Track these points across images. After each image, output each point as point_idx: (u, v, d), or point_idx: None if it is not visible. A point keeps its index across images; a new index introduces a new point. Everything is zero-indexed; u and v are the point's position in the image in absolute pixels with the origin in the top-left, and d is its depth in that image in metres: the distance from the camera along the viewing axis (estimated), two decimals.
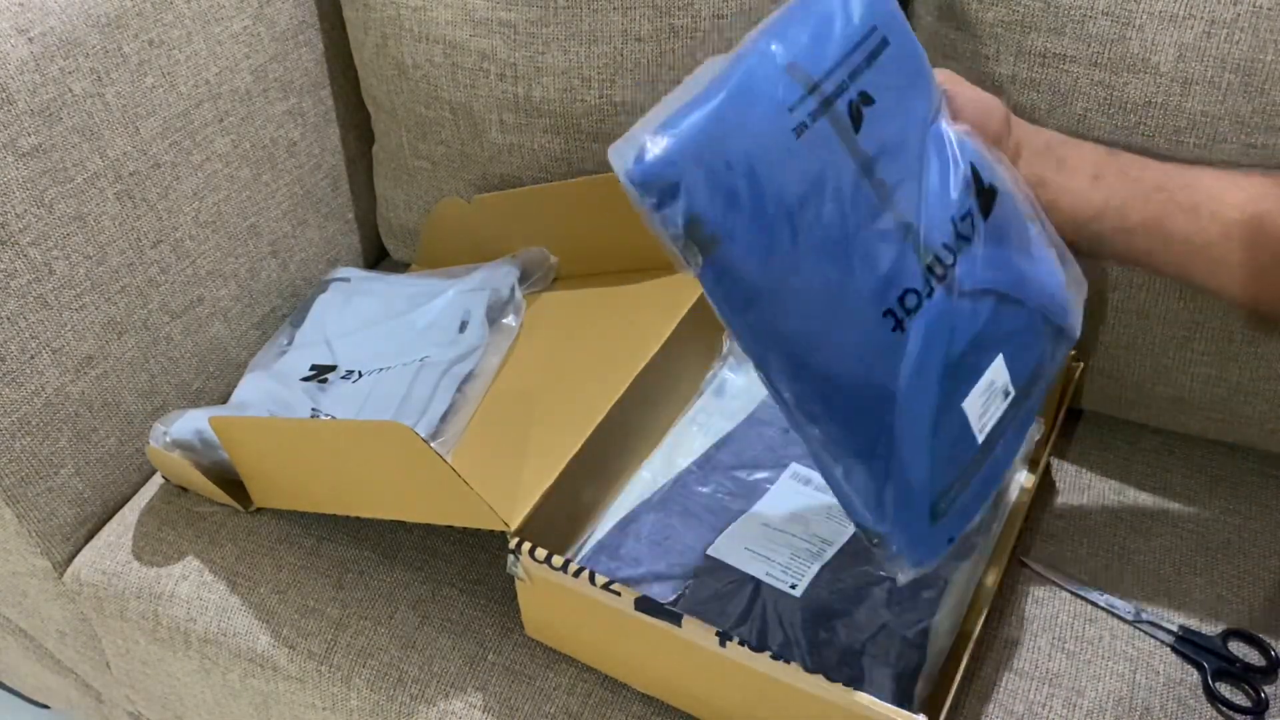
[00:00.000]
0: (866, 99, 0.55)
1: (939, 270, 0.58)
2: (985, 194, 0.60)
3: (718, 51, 0.84)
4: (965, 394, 0.60)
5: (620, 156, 0.50)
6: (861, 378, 0.56)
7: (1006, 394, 0.62)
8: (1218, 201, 0.63)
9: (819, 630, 0.68)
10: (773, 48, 0.53)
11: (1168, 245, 0.64)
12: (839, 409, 0.56)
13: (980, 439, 0.61)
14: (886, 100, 0.56)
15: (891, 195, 0.56)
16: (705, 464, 0.82)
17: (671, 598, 0.71)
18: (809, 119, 0.53)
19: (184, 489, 0.87)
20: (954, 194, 0.58)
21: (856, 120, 0.55)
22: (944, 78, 0.62)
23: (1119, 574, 0.76)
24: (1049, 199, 0.64)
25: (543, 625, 0.73)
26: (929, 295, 0.57)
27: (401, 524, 0.82)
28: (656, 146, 0.49)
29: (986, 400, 0.61)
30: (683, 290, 0.84)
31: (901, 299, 0.56)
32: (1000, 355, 0.61)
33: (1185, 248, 0.64)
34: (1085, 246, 0.66)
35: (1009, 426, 0.63)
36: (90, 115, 0.79)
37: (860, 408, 0.56)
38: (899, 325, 0.56)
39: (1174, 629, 0.72)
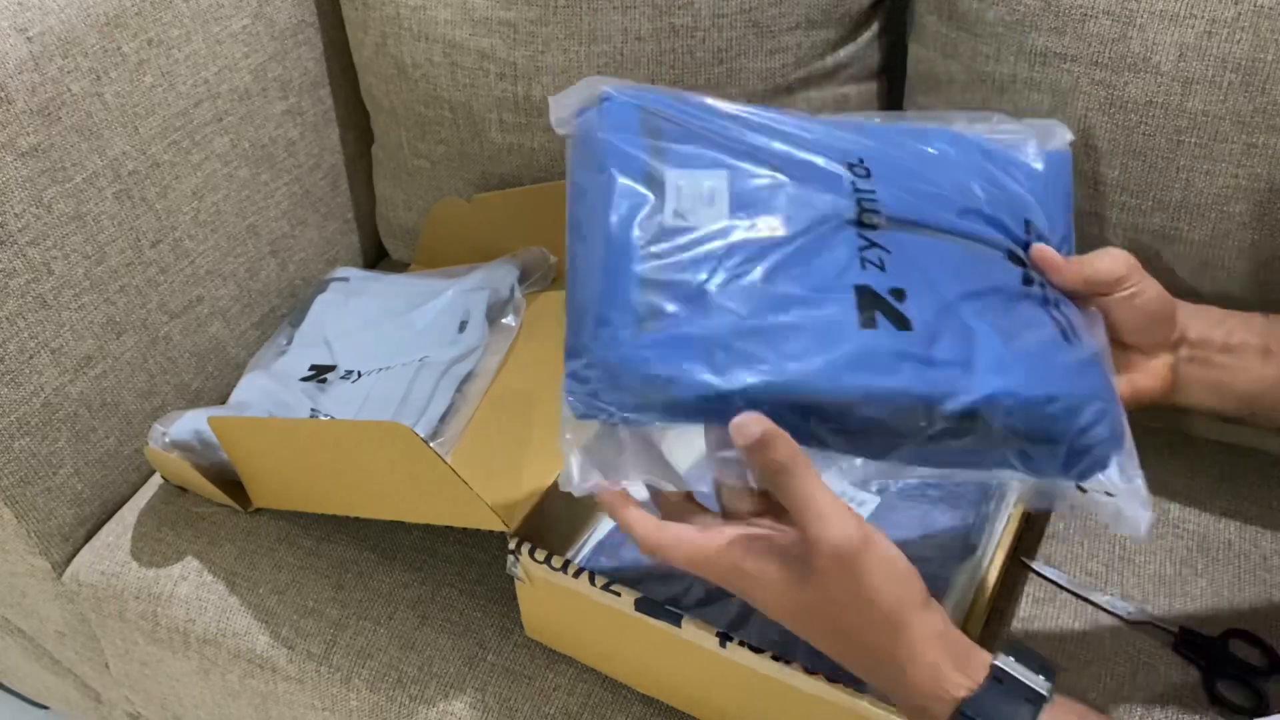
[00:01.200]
0: None
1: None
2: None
3: (718, 50, 0.84)
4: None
5: None
6: None
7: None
8: None
9: None
10: None
11: None
12: None
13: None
14: None
15: None
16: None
17: (671, 598, 0.71)
18: None
19: (183, 489, 0.87)
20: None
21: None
22: (1123, 267, 0.60)
23: (1119, 574, 0.76)
24: (1216, 379, 0.63)
25: (542, 625, 0.73)
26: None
27: (401, 524, 0.82)
28: None
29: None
30: None
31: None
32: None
33: None
34: (1256, 420, 0.65)
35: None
36: (89, 115, 0.79)
37: None
38: None
39: (1174, 629, 0.71)
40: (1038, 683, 0.51)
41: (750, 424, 0.49)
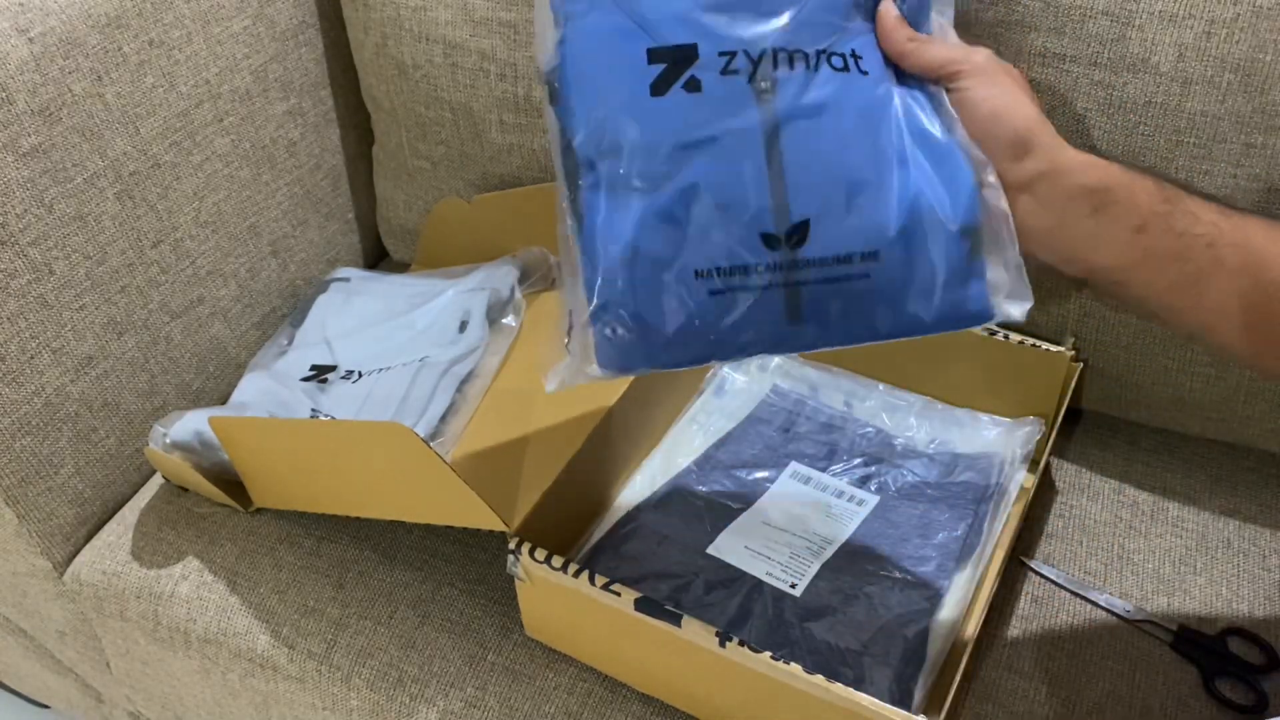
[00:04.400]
0: None
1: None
2: None
3: None
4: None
5: None
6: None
7: None
8: (1263, 265, 0.56)
9: (819, 630, 0.68)
10: None
11: (1198, 305, 0.56)
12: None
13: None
14: None
15: None
16: (705, 463, 0.82)
17: (671, 598, 0.71)
18: None
19: (184, 489, 0.87)
20: None
21: None
22: (954, 54, 0.57)
23: (1119, 574, 0.76)
24: (1066, 241, 0.56)
25: (543, 625, 0.73)
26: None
27: (401, 524, 0.82)
28: None
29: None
30: None
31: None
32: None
33: (1216, 310, 0.56)
34: (1100, 291, 0.59)
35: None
36: (90, 115, 0.79)
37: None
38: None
39: (1173, 628, 0.72)
40: None
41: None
